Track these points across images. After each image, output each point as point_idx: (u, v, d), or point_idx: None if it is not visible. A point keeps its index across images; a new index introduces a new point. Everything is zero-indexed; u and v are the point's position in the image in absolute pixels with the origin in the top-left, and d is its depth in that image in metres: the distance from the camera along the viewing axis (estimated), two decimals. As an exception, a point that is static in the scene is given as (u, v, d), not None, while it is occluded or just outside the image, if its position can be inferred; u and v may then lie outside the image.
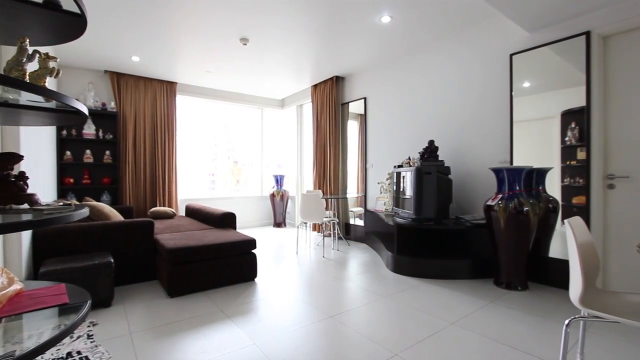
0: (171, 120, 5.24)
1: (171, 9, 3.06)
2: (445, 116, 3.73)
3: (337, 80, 5.15)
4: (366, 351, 1.81)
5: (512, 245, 2.71)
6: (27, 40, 1.00)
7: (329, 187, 5.19)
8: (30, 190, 1.09)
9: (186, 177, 5.85)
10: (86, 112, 1.12)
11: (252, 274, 3.03)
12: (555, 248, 2.85)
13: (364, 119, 4.87)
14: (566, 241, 1.55)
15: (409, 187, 3.41)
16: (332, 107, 5.12)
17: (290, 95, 6.44)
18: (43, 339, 0.89)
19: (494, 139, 3.28)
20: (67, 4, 1.07)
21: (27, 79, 0.97)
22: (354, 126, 5.13)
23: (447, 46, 3.69)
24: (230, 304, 2.49)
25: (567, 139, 2.76)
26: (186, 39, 3.71)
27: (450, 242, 3.52)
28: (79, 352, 1.77)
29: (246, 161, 6.69)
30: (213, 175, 6.33)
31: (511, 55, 3.10)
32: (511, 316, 2.24)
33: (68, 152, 4.48)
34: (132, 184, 4.90)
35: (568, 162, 2.76)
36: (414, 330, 2.04)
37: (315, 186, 5.47)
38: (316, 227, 5.68)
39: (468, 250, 3.37)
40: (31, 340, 0.89)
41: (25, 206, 1.04)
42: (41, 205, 1.06)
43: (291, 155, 6.58)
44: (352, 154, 5.15)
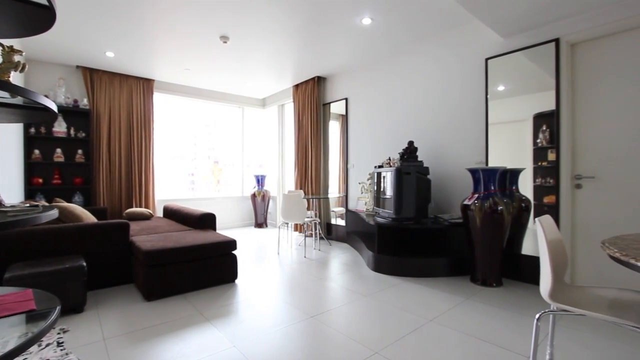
0: (148, 119, 5.09)
1: (147, 3, 2.97)
2: (425, 117, 3.81)
3: (319, 81, 5.16)
4: (347, 350, 1.82)
5: (488, 243, 2.80)
6: (-10, 32, 0.94)
7: (310, 187, 5.20)
8: (-7, 191, 1.03)
9: (164, 177, 5.70)
10: (55, 109, 1.07)
11: (233, 275, 2.99)
12: (527, 245, 2.96)
13: (345, 119, 4.91)
14: (537, 239, 1.62)
15: (389, 187, 3.46)
16: (314, 107, 5.13)
17: (271, 95, 6.40)
18: (8, 347, 0.85)
19: (470, 140, 3.38)
20: (34, -5, 1.02)
21: (-11, 73, 0.92)
22: (335, 126, 5.16)
23: (427, 49, 3.77)
24: (209, 306, 2.45)
25: (538, 141, 2.88)
26: (164, 35, 3.61)
27: (429, 241, 3.60)
28: (48, 361, 1.69)
29: (227, 161, 6.59)
30: (193, 175, 6.19)
31: (486, 60, 3.20)
32: (486, 312, 2.31)
33: (37, 151, 4.27)
34: (106, 184, 4.72)
35: (539, 163, 2.88)
36: (394, 328, 2.08)
37: (296, 186, 5.46)
38: (298, 228, 5.67)
39: (446, 249, 3.46)
40: (-6, 350, 0.85)
41: (-13, 208, 0.99)
42: (5, 207, 1.01)
43: (273, 155, 6.53)
44: (334, 154, 5.18)
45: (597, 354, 1.76)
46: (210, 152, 6.41)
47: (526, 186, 2.97)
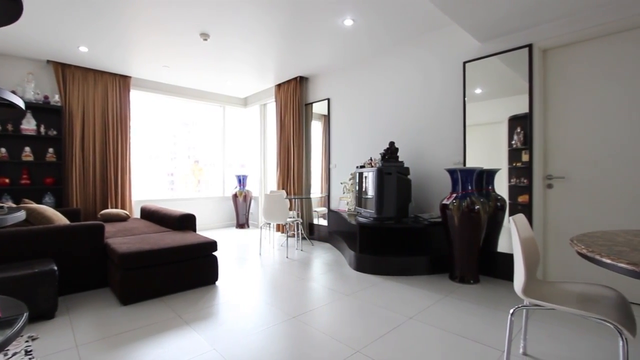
0: (125, 117, 4.93)
1: (124, -1, 2.88)
2: (406, 118, 3.87)
3: (301, 81, 5.15)
4: (329, 350, 1.83)
5: (465, 241, 2.88)
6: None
7: (292, 187, 5.18)
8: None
9: (142, 177, 5.53)
10: (22, 105, 1.02)
11: (213, 277, 2.94)
12: (502, 243, 3.07)
13: (327, 119, 4.92)
14: (511, 237, 1.68)
15: (370, 187, 3.49)
16: (296, 107, 5.12)
17: (253, 94, 6.33)
18: (-32, 358, 0.80)
19: (449, 141, 3.46)
20: (-1, -14, 0.97)
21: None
22: (317, 127, 5.16)
23: (409, 51, 3.83)
24: (189, 309, 2.40)
25: (513, 142, 2.99)
26: (141, 30, 3.51)
27: (410, 239, 3.67)
28: (14, 370, 1.61)
29: (207, 161, 6.47)
30: (172, 175, 6.04)
31: (464, 63, 3.29)
32: (464, 308, 2.38)
33: (3, 149, 4.05)
34: (79, 184, 4.54)
35: (514, 164, 2.98)
36: (375, 327, 2.10)
37: (279, 186, 5.43)
38: (280, 228, 5.64)
39: (426, 248, 3.53)
40: (-47, 361, 0.79)
41: (-54, 210, 0.93)
42: (-33, 209, 0.95)
43: (254, 155, 6.47)
44: (316, 154, 5.18)
45: (566, 346, 1.85)
46: (190, 152, 6.28)
47: (502, 186, 3.07)
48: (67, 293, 2.67)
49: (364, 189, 3.72)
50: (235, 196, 6.12)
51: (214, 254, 2.98)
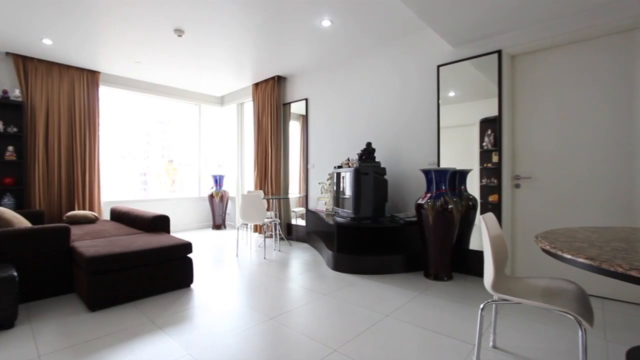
0: (93, 113, 4.71)
1: (92, -10, 2.75)
2: (383, 119, 3.94)
3: (279, 80, 5.12)
4: (307, 350, 1.83)
5: (439, 239, 2.97)
6: None
7: (270, 187, 5.14)
8: None
9: (113, 177, 5.30)
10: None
11: (188, 280, 2.86)
12: (474, 241, 3.19)
13: (305, 119, 4.92)
14: (482, 235, 1.75)
15: (348, 187, 3.52)
16: (274, 106, 5.08)
17: (230, 93, 6.23)
18: None
19: (424, 142, 3.55)
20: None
21: None
22: (296, 127, 5.15)
23: (386, 53, 3.90)
24: (162, 313, 2.32)
25: (484, 144, 3.11)
26: (111, 23, 3.36)
27: (386, 239, 3.73)
28: (-32, 385, 1.49)
29: (183, 160, 6.30)
30: (145, 175, 5.83)
31: (438, 67, 3.39)
32: (438, 305, 2.45)
33: (-44, 147, 3.76)
34: (43, 185, 4.29)
35: (485, 165, 3.10)
36: (352, 325, 2.12)
37: (256, 186, 5.37)
38: (257, 229, 5.58)
39: (402, 246, 3.60)
40: None
41: None
42: None
43: (231, 155, 6.37)
44: (294, 154, 5.17)
45: (531, 337, 1.94)
46: (164, 151, 6.09)
47: (474, 186, 3.19)
48: (28, 300, 2.51)
49: (341, 189, 3.75)
50: (211, 196, 6.00)
51: (189, 256, 2.91)
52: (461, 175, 3.21)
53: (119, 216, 4.06)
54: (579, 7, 2.53)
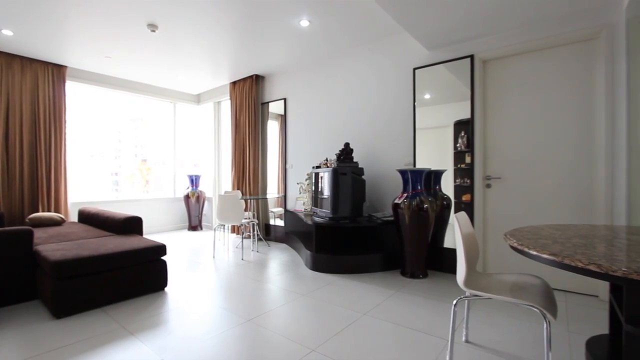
0: (59, 110, 4.47)
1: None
2: (361, 119, 3.98)
3: (257, 79, 5.06)
4: (285, 351, 1.82)
5: (415, 238, 3.04)
6: None
7: (248, 187, 5.08)
8: None
9: (81, 177, 5.06)
10: None
11: (162, 283, 2.78)
12: (448, 239, 3.28)
13: (284, 119, 4.90)
14: (455, 233, 1.80)
15: (326, 187, 3.54)
16: (252, 106, 5.02)
17: (207, 91, 6.10)
18: None
19: (401, 143, 3.62)
20: None
21: None
22: (274, 126, 5.11)
23: (364, 54, 3.94)
24: (134, 318, 2.24)
25: (458, 145, 3.21)
26: (79, 15, 3.20)
27: (364, 238, 3.78)
28: None
29: (157, 159, 6.10)
30: (117, 175, 5.60)
31: (414, 69, 3.47)
32: (414, 302, 2.51)
33: None
34: (2, 185, 4.02)
35: (459, 165, 3.21)
36: (330, 325, 2.13)
37: (234, 187, 5.29)
38: (235, 229, 5.49)
39: (379, 245, 3.66)
40: None
41: None
42: None
43: (208, 154, 6.23)
44: (273, 154, 5.13)
45: (501, 331, 2.03)
46: (137, 150, 5.88)
47: (448, 186, 3.28)
48: (-14, 308, 2.36)
49: (319, 189, 3.76)
50: (187, 197, 5.85)
51: (163, 258, 2.82)
52: (436, 176, 3.30)
53: (87, 218, 3.88)
54: (544, 16, 2.67)
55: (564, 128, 2.74)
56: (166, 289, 2.83)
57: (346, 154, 3.63)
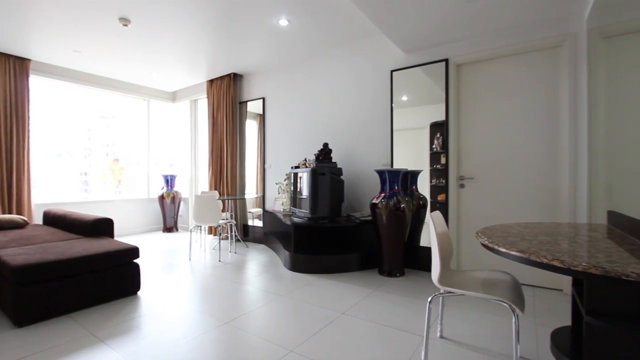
0: (22, 105, 4.22)
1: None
2: (340, 120, 4.01)
3: (235, 78, 4.99)
4: (263, 352, 1.80)
5: (392, 237, 3.09)
6: None
7: (226, 187, 4.99)
8: None
9: (47, 177, 4.80)
10: None
11: (134, 287, 2.68)
12: (424, 238, 3.37)
13: (262, 119, 4.85)
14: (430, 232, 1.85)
15: (305, 188, 3.54)
16: (230, 104, 4.94)
17: (183, 89, 5.94)
18: None
19: (379, 143, 3.68)
20: None
21: None
22: (252, 126, 5.06)
23: (343, 55, 3.97)
24: (104, 324, 2.15)
25: (434, 146, 3.30)
26: (44, 5, 3.04)
27: (343, 238, 3.80)
28: None
29: (130, 159, 5.88)
30: (86, 175, 5.35)
31: (392, 72, 3.53)
32: (391, 300, 2.55)
33: None
34: (-42, 185, 3.75)
35: (435, 166, 3.30)
36: (309, 325, 2.13)
37: (211, 187, 5.18)
38: (212, 230, 5.38)
39: (358, 245, 3.70)
40: None
41: None
42: None
43: (184, 154, 6.07)
44: (251, 154, 5.07)
45: (474, 325, 2.10)
46: (109, 149, 5.64)
47: (424, 186, 3.37)
48: (-62, 318, 2.19)
49: (298, 190, 3.75)
50: (162, 197, 5.67)
51: (136, 261, 2.73)
52: (413, 176, 3.38)
53: (53, 220, 3.68)
54: (514, 24, 2.80)
55: (532, 131, 2.88)
56: (139, 293, 2.74)
57: (325, 154, 3.65)
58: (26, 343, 1.90)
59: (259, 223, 4.90)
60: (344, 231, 3.80)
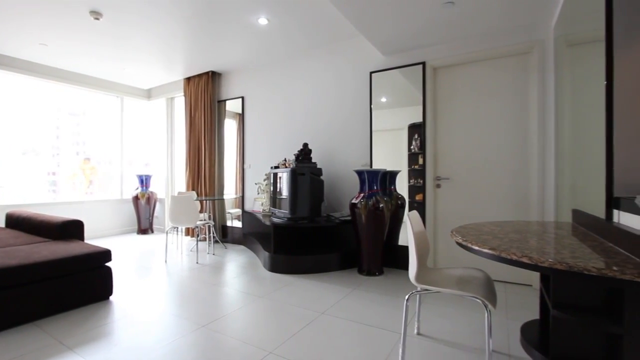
0: (-18, 102, 3.95)
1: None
2: (320, 121, 4.02)
3: (214, 76, 4.90)
4: (241, 355, 1.78)
5: (371, 237, 3.13)
6: None
7: (204, 188, 4.89)
8: None
9: (10, 177, 4.53)
10: None
11: (106, 291, 2.58)
12: (403, 237, 3.43)
13: (242, 118, 4.79)
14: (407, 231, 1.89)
15: (285, 188, 3.52)
16: (208, 103, 4.84)
17: (158, 86, 5.77)
18: None
19: (358, 144, 3.72)
20: None
21: None
22: (231, 125, 4.98)
23: (323, 56, 3.98)
24: (73, 332, 2.05)
25: (412, 147, 3.37)
26: (7, -2, 2.87)
27: (322, 238, 3.82)
28: None
29: (102, 158, 5.64)
30: (54, 175, 5.10)
31: (371, 73, 3.58)
32: (370, 299, 2.58)
33: None
34: None
35: (413, 166, 3.36)
36: (288, 326, 2.12)
37: (188, 187, 5.06)
38: (190, 232, 5.26)
39: (337, 245, 3.72)
40: None
41: None
42: None
43: (160, 153, 5.90)
44: (230, 153, 4.99)
45: (450, 321, 2.16)
46: (79, 147, 5.40)
47: (403, 186, 3.43)
48: None
49: (278, 190, 3.73)
50: (136, 198, 5.48)
51: (108, 264, 2.62)
52: (391, 176, 3.43)
53: (17, 222, 3.48)
54: (486, 30, 2.91)
55: (504, 133, 2.99)
56: (111, 298, 2.63)
57: (305, 154, 3.64)
58: (-14, 354, 1.79)
59: (238, 224, 4.83)
60: (324, 231, 3.81)
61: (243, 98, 4.76)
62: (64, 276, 2.34)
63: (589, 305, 1.26)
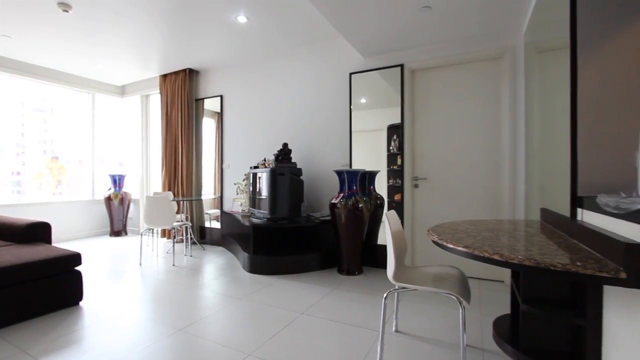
0: (-63, 96, 3.68)
1: None
2: (300, 121, 4.01)
3: (191, 74, 4.79)
4: (219, 358, 1.75)
5: (351, 236, 3.16)
6: None
7: (181, 188, 4.77)
8: None
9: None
10: None
11: (76, 296, 2.46)
12: (382, 237, 3.48)
13: (220, 117, 4.71)
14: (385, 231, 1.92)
15: (264, 188, 3.49)
16: (185, 101, 4.73)
17: (133, 83, 5.58)
18: None
19: (338, 144, 3.74)
20: None
21: None
22: (210, 124, 4.88)
23: (303, 56, 3.97)
24: (39, 339, 1.95)
25: (391, 148, 3.42)
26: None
27: (302, 238, 3.81)
28: None
29: (72, 157, 5.39)
30: (19, 174, 4.81)
31: (350, 74, 3.61)
32: (349, 298, 2.60)
33: None
34: None
35: (392, 167, 3.42)
36: (267, 327, 2.11)
37: (164, 187, 4.92)
38: (166, 233, 5.11)
39: (317, 245, 3.73)
40: None
41: None
42: None
43: (135, 152, 5.70)
44: (208, 153, 4.89)
45: (426, 318, 2.22)
46: (46, 146, 5.12)
47: (382, 186, 3.48)
48: None
49: (257, 190, 3.70)
50: (109, 199, 5.27)
51: (77, 268, 2.51)
52: (370, 176, 3.47)
53: (-23, 225, 3.26)
54: (461, 35, 3.00)
55: (478, 135, 3.10)
56: (82, 303, 2.52)
57: (284, 154, 3.63)
58: (-59, 366, 1.67)
59: (216, 225, 4.74)
60: (304, 231, 3.81)
61: (222, 97, 4.68)
62: (29, 281, 2.22)
63: (555, 299, 1.33)
